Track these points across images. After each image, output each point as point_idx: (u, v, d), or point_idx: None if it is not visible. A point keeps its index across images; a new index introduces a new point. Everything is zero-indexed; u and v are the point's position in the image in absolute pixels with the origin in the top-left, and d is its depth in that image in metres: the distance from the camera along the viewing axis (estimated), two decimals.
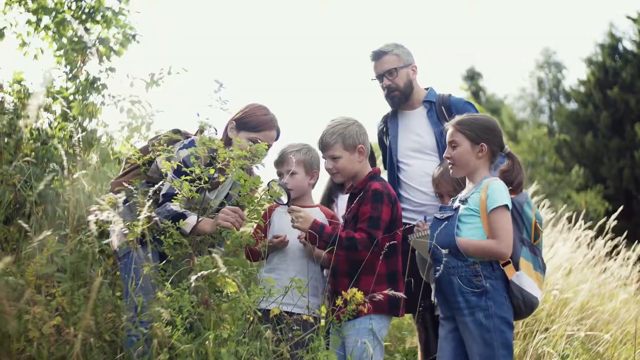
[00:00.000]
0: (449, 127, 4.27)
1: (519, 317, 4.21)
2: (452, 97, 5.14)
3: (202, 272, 3.36)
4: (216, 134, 4.53)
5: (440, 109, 5.06)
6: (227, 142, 4.48)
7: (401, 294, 4.03)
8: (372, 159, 4.86)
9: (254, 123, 4.47)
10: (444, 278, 4.08)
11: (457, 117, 4.31)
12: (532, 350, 5.79)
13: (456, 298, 4.01)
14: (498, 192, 4.03)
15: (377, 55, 5.11)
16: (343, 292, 3.92)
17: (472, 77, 34.17)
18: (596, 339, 6.08)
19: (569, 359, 5.57)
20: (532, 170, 22.65)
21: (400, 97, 5.11)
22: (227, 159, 3.94)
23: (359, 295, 3.82)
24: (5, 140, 5.42)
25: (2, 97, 5.99)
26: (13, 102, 5.96)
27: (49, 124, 6.34)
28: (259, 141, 4.37)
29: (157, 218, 4.08)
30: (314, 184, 4.73)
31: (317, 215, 4.45)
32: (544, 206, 9.37)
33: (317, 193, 5.29)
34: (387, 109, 5.34)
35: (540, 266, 4.15)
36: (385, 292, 3.96)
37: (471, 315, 3.96)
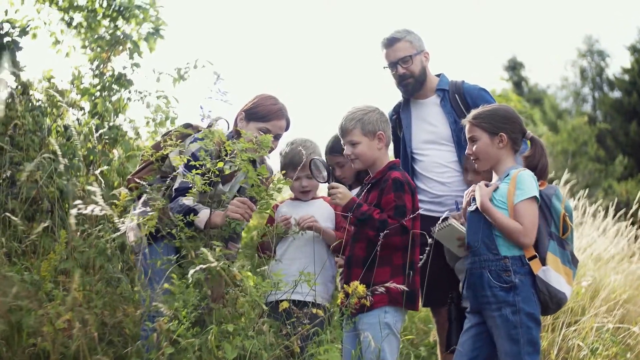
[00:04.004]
0: (466, 123, 4.23)
1: (547, 313, 4.16)
2: (465, 84, 5.01)
3: (200, 266, 3.36)
4: (228, 126, 4.54)
5: (454, 96, 4.93)
6: (238, 133, 4.47)
7: (403, 287, 3.98)
8: None
9: (263, 113, 4.46)
10: (475, 271, 4.05)
11: (473, 112, 4.27)
12: (562, 343, 5.72)
13: (485, 292, 3.97)
14: (527, 183, 3.98)
15: (390, 43, 4.95)
16: (345, 286, 3.90)
17: (513, 67, 33.87)
18: (627, 332, 5.97)
19: (598, 351, 5.48)
20: (573, 160, 22.31)
21: (415, 85, 4.98)
22: (234, 151, 3.95)
23: (362, 288, 3.79)
24: (30, 137, 5.49)
25: (32, 94, 6.06)
26: (40, 99, 6.03)
27: (77, 120, 6.42)
28: (269, 131, 4.39)
29: (170, 213, 4.10)
30: None
31: (322, 205, 4.43)
32: (580, 196, 9.23)
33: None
34: (395, 99, 5.23)
35: (569, 260, 4.08)
36: (388, 284, 3.92)
37: (498, 310, 3.92)
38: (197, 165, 3.97)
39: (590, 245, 8.06)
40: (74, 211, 3.36)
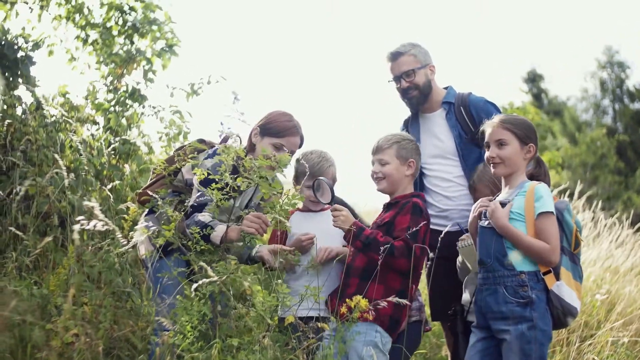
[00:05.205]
0: (492, 126, 4.16)
1: (557, 327, 4.12)
2: (471, 97, 4.98)
3: (203, 280, 3.36)
4: (240, 142, 4.55)
5: (459, 109, 4.90)
6: (252, 148, 4.51)
7: (405, 301, 3.97)
8: None
9: (278, 129, 4.47)
10: (488, 287, 4.01)
11: (500, 116, 4.25)
12: (577, 357, 5.66)
13: (500, 308, 3.92)
14: (546, 196, 3.95)
15: (394, 57, 4.95)
16: (347, 300, 3.89)
17: (533, 79, 33.68)
18: None
19: None
20: (592, 173, 22.16)
21: (419, 98, 4.96)
22: (252, 167, 3.96)
23: (364, 302, 3.79)
24: (44, 152, 5.53)
25: (47, 110, 6.10)
26: (54, 115, 6.07)
27: (92, 136, 6.46)
28: (283, 147, 4.40)
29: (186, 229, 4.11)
30: None
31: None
32: (595, 208, 9.16)
33: None
34: (404, 114, 5.22)
35: (579, 275, 4.07)
36: (385, 302, 3.92)
37: (514, 325, 3.87)
38: (216, 180, 3.99)
39: (608, 257, 7.99)
40: (77, 226, 3.38)
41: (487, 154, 4.19)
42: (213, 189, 3.97)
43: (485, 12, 63.92)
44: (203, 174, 4.07)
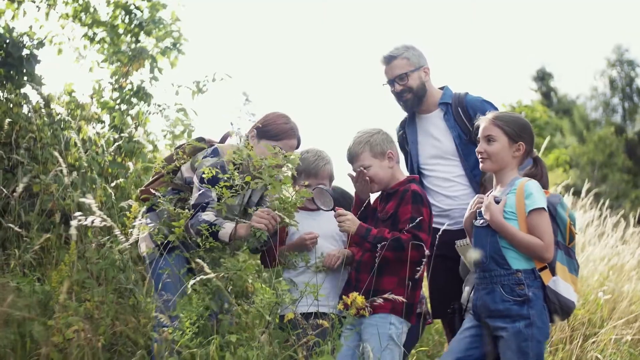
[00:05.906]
0: (485, 121, 4.16)
1: (554, 321, 4.13)
2: (468, 96, 4.97)
3: (201, 276, 3.39)
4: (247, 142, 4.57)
5: (457, 110, 4.90)
6: None
7: (401, 298, 3.99)
8: None
9: (275, 132, 4.47)
10: (485, 287, 4.02)
11: (493, 112, 4.24)
12: (580, 355, 5.66)
13: (497, 306, 3.93)
14: (536, 193, 3.95)
15: (387, 60, 4.94)
16: (344, 297, 3.93)
17: (542, 77, 33.66)
18: None
19: None
20: (601, 171, 22.10)
21: (413, 101, 4.95)
22: (262, 166, 3.99)
23: (360, 299, 3.81)
24: (49, 150, 5.56)
25: (53, 108, 6.14)
26: (59, 113, 6.10)
27: (97, 134, 6.50)
28: (280, 150, 4.41)
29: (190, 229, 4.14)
30: None
31: (332, 215, 4.44)
32: (601, 206, 9.13)
33: None
34: (404, 112, 5.18)
35: (575, 268, 4.07)
36: (386, 295, 3.94)
37: (511, 323, 3.88)
38: (224, 178, 4.01)
39: (613, 257, 7.97)
40: (74, 222, 3.40)
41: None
42: (221, 187, 4.00)
43: (495, 10, 63.80)
44: (211, 173, 4.09)
